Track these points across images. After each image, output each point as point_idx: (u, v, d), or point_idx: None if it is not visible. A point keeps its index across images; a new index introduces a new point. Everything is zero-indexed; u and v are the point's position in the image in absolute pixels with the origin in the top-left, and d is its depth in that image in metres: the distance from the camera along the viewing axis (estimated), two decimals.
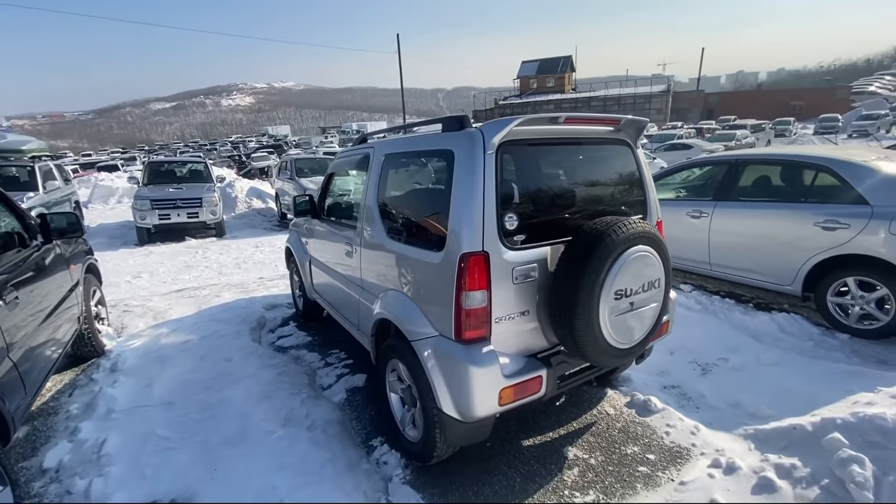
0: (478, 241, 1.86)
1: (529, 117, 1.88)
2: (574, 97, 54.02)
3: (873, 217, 3.52)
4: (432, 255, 2.04)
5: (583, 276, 1.84)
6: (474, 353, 1.89)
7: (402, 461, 2.41)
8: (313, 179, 10.73)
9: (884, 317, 3.55)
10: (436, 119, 2.27)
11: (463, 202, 1.89)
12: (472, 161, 1.88)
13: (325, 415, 2.78)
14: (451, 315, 1.92)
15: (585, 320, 1.87)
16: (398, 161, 2.53)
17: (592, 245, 1.87)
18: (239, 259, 7.30)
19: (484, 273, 1.86)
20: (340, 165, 3.46)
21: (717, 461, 2.29)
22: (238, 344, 3.79)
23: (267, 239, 9.17)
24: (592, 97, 52.62)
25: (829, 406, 2.57)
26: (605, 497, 2.14)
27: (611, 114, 2.28)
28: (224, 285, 5.64)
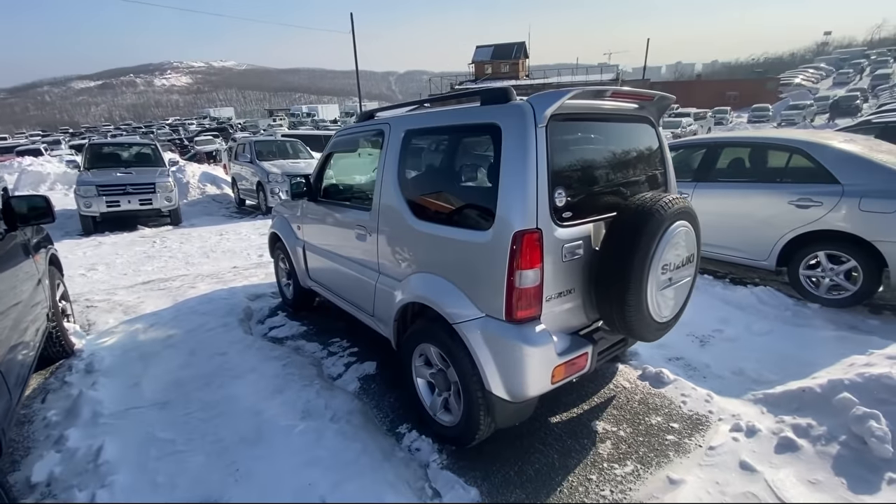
0: (531, 219, 1.80)
1: (582, 90, 1.83)
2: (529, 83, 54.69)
3: (844, 195, 3.81)
4: (477, 235, 1.96)
5: (636, 252, 1.85)
6: (527, 332, 1.85)
7: (435, 446, 2.35)
8: (276, 163, 10.21)
9: (851, 287, 3.88)
10: (467, 91, 2.16)
11: (514, 178, 1.82)
12: (524, 135, 1.81)
13: (345, 405, 2.66)
14: (501, 295, 1.86)
15: (636, 295, 1.88)
16: (423, 138, 2.40)
17: (644, 220, 1.87)
18: (205, 248, 6.82)
19: (538, 251, 1.81)
20: (342, 144, 3.26)
21: (738, 425, 2.41)
22: (230, 337, 3.54)
23: (230, 227, 8.64)
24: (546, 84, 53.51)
25: (827, 369, 2.78)
26: (643, 466, 2.20)
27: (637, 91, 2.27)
28: (196, 276, 5.25)
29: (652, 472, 2.16)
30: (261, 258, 6.15)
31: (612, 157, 2.23)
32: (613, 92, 2.00)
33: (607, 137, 2.24)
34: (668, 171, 2.54)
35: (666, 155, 2.52)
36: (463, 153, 2.23)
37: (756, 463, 2.15)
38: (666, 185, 2.54)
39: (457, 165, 2.28)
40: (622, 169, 2.27)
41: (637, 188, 2.32)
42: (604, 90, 1.96)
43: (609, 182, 2.18)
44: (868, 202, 3.68)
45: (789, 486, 2.01)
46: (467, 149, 2.19)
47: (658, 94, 2.27)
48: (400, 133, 2.49)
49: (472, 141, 2.11)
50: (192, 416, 2.62)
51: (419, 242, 2.31)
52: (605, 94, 1.98)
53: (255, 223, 8.97)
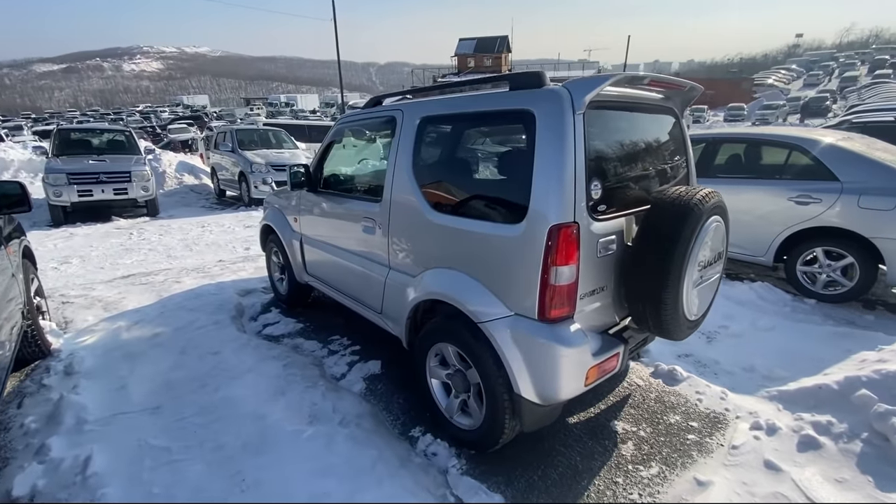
0: (569, 212, 1.70)
1: (623, 75, 1.73)
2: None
3: (843, 192, 3.85)
4: (507, 229, 1.84)
5: (675, 247, 1.77)
6: (562, 332, 1.76)
7: (453, 450, 2.25)
8: (259, 153, 9.86)
9: (848, 283, 3.94)
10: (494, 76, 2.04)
11: (550, 169, 1.71)
12: (561, 122, 1.70)
13: (353, 408, 2.52)
14: (534, 293, 1.76)
15: (674, 293, 1.81)
16: (441, 125, 2.26)
17: (683, 215, 1.79)
18: (186, 241, 6.50)
19: (575, 246, 1.71)
20: (345, 132, 3.08)
21: (758, 423, 2.39)
22: (223, 335, 3.34)
23: (211, 218, 8.29)
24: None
25: (837, 365, 2.79)
26: (668, 468, 2.15)
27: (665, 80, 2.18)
28: (180, 270, 4.98)
29: (678, 474, 2.11)
30: (248, 251, 5.90)
31: (641, 149, 2.14)
32: (650, 80, 1.90)
33: (636, 128, 2.15)
34: (689, 165, 2.48)
35: (688, 147, 2.46)
36: (489, 142, 2.10)
37: (780, 462, 2.12)
38: (688, 179, 2.47)
39: (482, 155, 2.15)
40: (651, 161, 2.18)
41: (664, 181, 2.24)
42: (642, 77, 1.86)
43: (639, 174, 2.09)
44: (867, 199, 3.72)
45: (816, 485, 1.99)
46: (494, 137, 2.06)
47: (689, 83, 2.19)
48: (415, 120, 2.35)
49: (500, 129, 1.99)
50: (188, 421, 2.44)
51: (437, 236, 2.18)
52: (642, 81, 1.89)
53: (238, 215, 8.64)
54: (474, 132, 2.23)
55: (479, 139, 2.20)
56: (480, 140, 2.18)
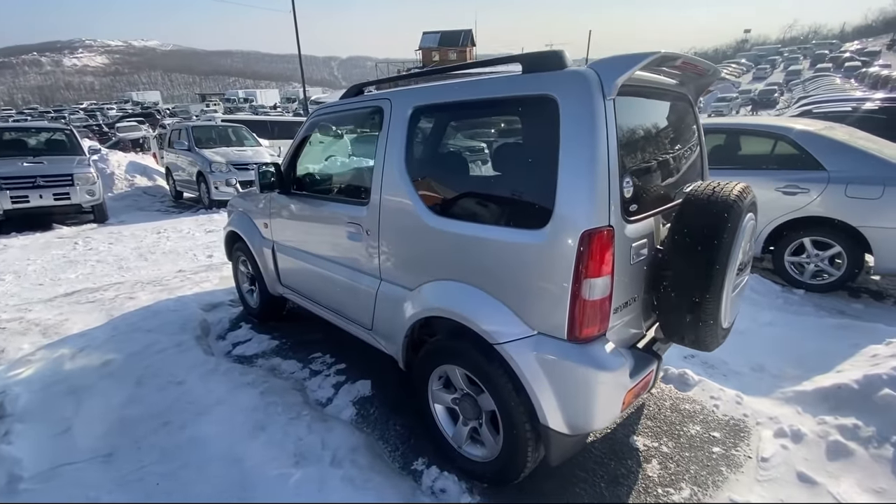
0: (603, 214, 1.46)
1: (659, 55, 1.49)
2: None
3: (830, 182, 3.83)
4: (526, 235, 1.59)
5: (719, 249, 1.56)
6: (598, 354, 1.52)
7: (463, 484, 1.99)
8: (219, 151, 9.24)
9: (835, 272, 3.94)
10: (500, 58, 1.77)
11: (579, 164, 1.46)
12: (591, 110, 1.45)
13: (345, 440, 2.21)
14: (563, 310, 1.51)
15: (716, 301, 1.61)
16: (438, 115, 1.98)
17: (724, 213, 1.58)
18: (141, 249, 5.92)
19: (610, 254, 1.48)
20: (321, 126, 2.74)
21: (782, 430, 2.25)
22: (187, 360, 2.94)
23: (168, 223, 7.65)
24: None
25: (848, 361, 2.71)
26: (700, 488, 1.97)
27: None
28: (134, 283, 4.46)
29: (711, 495, 1.93)
30: (210, 259, 5.41)
31: (663, 140, 1.93)
32: (682, 60, 1.69)
33: (656, 117, 1.94)
34: (704, 157, 2.30)
35: (702, 138, 2.28)
36: (498, 133, 1.84)
37: (814, 474, 1.98)
38: (703, 172, 2.29)
39: (490, 149, 1.88)
40: (673, 153, 1.98)
41: (686, 175, 2.05)
42: (675, 57, 1.64)
43: (664, 168, 1.89)
44: (854, 188, 3.71)
45: (855, 497, 1.86)
46: (505, 128, 1.79)
47: (712, 66, 1.99)
48: (405, 110, 2.05)
49: (512, 118, 1.72)
50: (148, 470, 2.06)
51: (438, 244, 1.90)
52: (674, 61, 1.67)
53: (198, 218, 8.03)
54: (481, 122, 1.96)
55: (488, 130, 1.93)
56: (490, 131, 1.91)
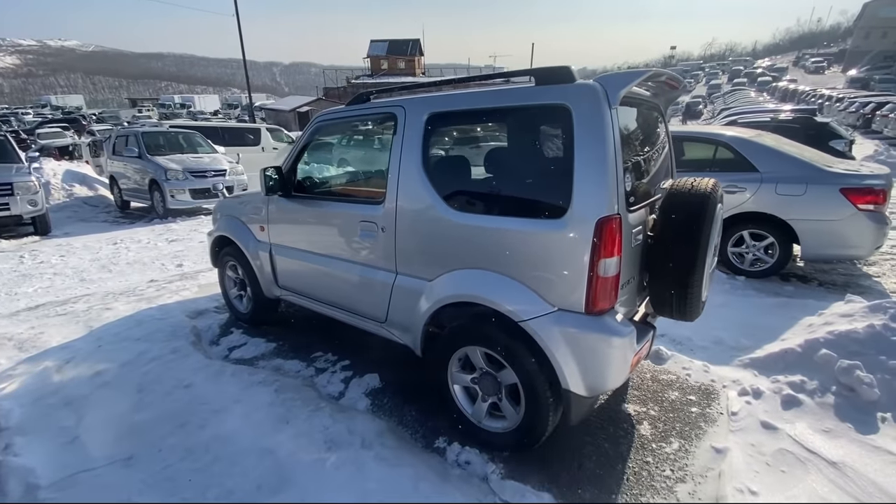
0: (613, 204, 1.73)
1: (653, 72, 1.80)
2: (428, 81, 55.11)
3: (763, 182, 4.43)
4: (546, 225, 1.83)
5: (701, 234, 1.88)
6: (611, 324, 1.79)
7: (485, 456, 2.18)
8: (174, 158, 8.86)
9: (769, 260, 4.55)
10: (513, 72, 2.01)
11: (592, 163, 1.73)
12: (600, 118, 1.73)
13: (369, 426, 2.34)
14: (581, 287, 1.77)
15: (700, 277, 1.93)
16: (454, 122, 2.18)
17: (704, 203, 1.91)
18: (100, 260, 5.60)
19: (619, 237, 1.75)
20: (326, 132, 2.85)
21: (744, 390, 2.64)
22: (188, 364, 2.92)
23: (122, 233, 7.25)
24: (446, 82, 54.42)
25: (790, 331, 3.19)
26: (686, 441, 2.29)
27: None
28: (105, 294, 4.26)
29: (696, 445, 2.26)
30: (181, 268, 5.24)
31: (646, 143, 2.26)
32: (667, 77, 2.01)
33: (638, 124, 2.26)
34: (672, 158, 2.67)
35: (670, 142, 2.65)
36: (515, 137, 2.07)
37: (774, 421, 2.37)
38: (672, 171, 2.66)
39: (508, 151, 2.10)
40: (653, 154, 2.31)
41: (661, 173, 2.39)
42: (662, 73, 1.96)
43: (649, 167, 2.21)
44: (783, 187, 4.32)
45: (809, 437, 2.25)
46: (521, 132, 2.03)
47: (683, 81, 2.35)
48: (420, 117, 2.24)
49: (528, 124, 1.96)
50: (176, 468, 2.08)
51: (461, 237, 2.10)
52: (660, 77, 1.99)
53: (154, 228, 7.66)
54: (497, 128, 2.19)
55: (504, 135, 2.16)
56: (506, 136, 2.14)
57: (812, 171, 4.29)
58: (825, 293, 4.17)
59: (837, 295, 4.09)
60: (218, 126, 13.66)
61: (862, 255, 4.37)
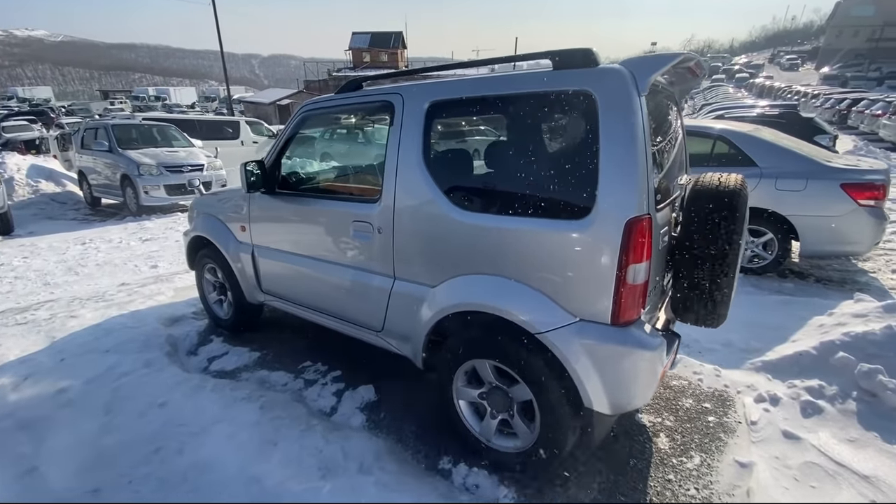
0: (644, 203, 1.55)
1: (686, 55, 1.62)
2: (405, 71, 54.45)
3: (763, 177, 4.34)
4: (567, 226, 1.64)
5: (733, 233, 1.72)
6: (641, 336, 1.61)
7: (495, 478, 2.00)
8: (147, 152, 8.42)
9: (768, 256, 4.48)
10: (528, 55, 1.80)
11: (621, 157, 1.55)
12: (629, 106, 1.54)
13: (366, 447, 2.13)
14: (608, 295, 1.59)
15: (731, 280, 1.77)
16: (459, 111, 1.97)
17: (735, 200, 1.75)
18: (67, 262, 5.21)
19: (650, 240, 1.57)
20: (313, 122, 2.60)
21: (761, 396, 2.52)
22: (163, 379, 2.65)
23: (92, 232, 6.83)
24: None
25: (800, 331, 3.09)
26: (707, 455, 2.15)
27: None
28: (70, 301, 3.92)
29: (719, 459, 2.12)
30: (156, 270, 4.90)
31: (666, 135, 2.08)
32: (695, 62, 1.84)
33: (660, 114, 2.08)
34: (686, 151, 2.51)
35: (684, 135, 2.49)
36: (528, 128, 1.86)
37: (795, 430, 2.24)
38: (686, 165, 2.51)
39: (521, 142, 1.90)
40: (672, 147, 2.14)
41: (680, 168, 2.23)
42: (693, 58, 1.78)
43: (669, 161, 2.04)
44: (783, 182, 4.24)
45: (834, 447, 2.13)
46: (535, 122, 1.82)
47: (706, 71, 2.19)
48: (420, 106, 2.02)
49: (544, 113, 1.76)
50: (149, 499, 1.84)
51: (468, 239, 1.89)
52: (690, 62, 1.81)
53: (127, 226, 7.25)
54: (508, 117, 1.98)
55: (517, 125, 1.95)
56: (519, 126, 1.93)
57: (812, 166, 4.21)
58: (825, 290, 4.11)
59: (838, 292, 4.04)
60: (195, 119, 13.12)
61: (861, 251, 4.32)
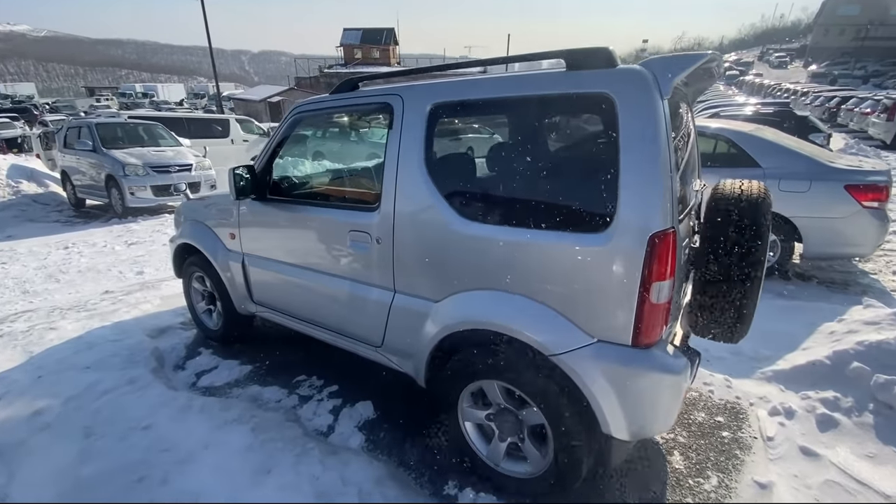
0: (667, 216, 1.44)
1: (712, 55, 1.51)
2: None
3: (766, 177, 4.26)
4: (585, 239, 1.52)
5: (760, 244, 1.61)
6: (664, 358, 1.50)
7: None
8: (132, 152, 8.18)
9: (771, 258, 4.41)
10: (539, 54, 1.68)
11: (644, 165, 1.43)
12: (651, 110, 1.43)
13: (366, 472, 2.00)
14: (629, 315, 1.47)
15: (756, 294, 1.67)
16: (464, 114, 1.84)
17: (759, 209, 1.64)
18: (48, 268, 5.00)
19: (674, 256, 1.46)
20: (305, 125, 2.45)
21: (775, 409, 2.43)
22: (148, 398, 2.49)
23: (75, 235, 6.60)
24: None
25: (810, 339, 3.01)
26: (724, 474, 2.05)
27: None
28: (50, 311, 3.73)
29: (737, 479, 2.02)
30: (142, 276, 4.72)
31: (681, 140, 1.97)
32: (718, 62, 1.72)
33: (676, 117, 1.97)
34: (699, 157, 2.41)
35: (696, 138, 2.38)
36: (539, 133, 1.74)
37: (813, 446, 2.16)
38: (698, 171, 2.40)
39: (532, 149, 1.77)
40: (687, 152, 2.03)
41: (693, 173, 2.12)
42: (715, 58, 1.67)
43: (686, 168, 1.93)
44: (786, 183, 4.16)
45: (854, 464, 2.05)
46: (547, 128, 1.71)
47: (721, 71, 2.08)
48: (422, 108, 1.89)
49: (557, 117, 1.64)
50: None
51: (473, 251, 1.77)
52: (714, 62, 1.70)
53: (112, 229, 7.02)
54: (518, 121, 1.85)
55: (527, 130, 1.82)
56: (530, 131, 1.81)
57: (816, 167, 4.14)
58: (830, 293, 4.06)
59: (842, 295, 3.99)
60: (183, 117, 12.82)
61: (865, 253, 4.27)
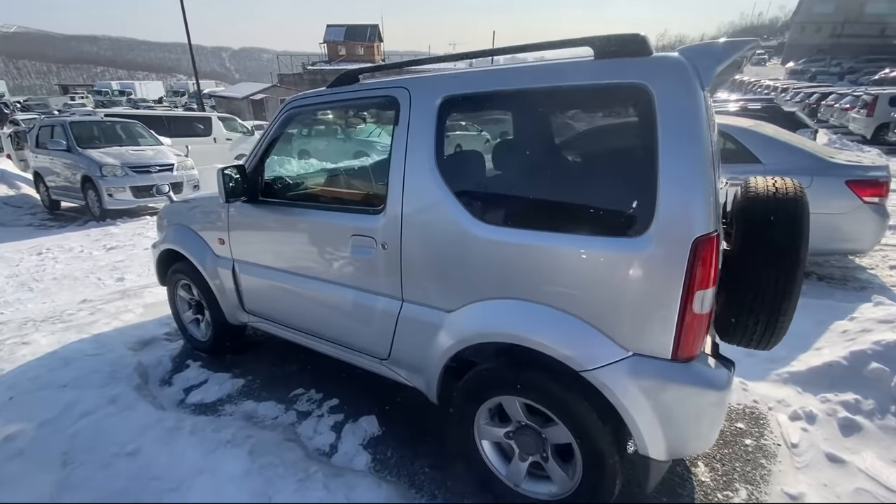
0: (710, 219, 1.32)
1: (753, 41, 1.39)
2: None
3: (767, 173, 4.20)
4: (622, 244, 1.39)
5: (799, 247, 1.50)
6: (706, 371, 1.39)
7: None
8: (109, 151, 7.84)
9: None
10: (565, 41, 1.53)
11: (685, 163, 1.31)
12: (692, 103, 1.30)
13: (373, 496, 1.85)
14: (670, 327, 1.35)
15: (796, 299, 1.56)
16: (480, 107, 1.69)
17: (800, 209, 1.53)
18: (19, 276, 4.70)
19: (716, 262, 1.34)
20: (300, 121, 2.27)
21: (795, 413, 2.35)
22: (132, 420, 2.29)
23: (50, 240, 6.27)
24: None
25: (822, 338, 2.95)
26: (752, 486, 1.96)
27: None
28: (22, 323, 3.48)
29: (766, 491, 1.93)
30: (122, 283, 4.47)
31: None
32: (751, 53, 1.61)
33: None
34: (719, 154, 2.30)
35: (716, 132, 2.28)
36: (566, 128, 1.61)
37: (838, 452, 2.08)
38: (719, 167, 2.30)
39: (556, 146, 1.63)
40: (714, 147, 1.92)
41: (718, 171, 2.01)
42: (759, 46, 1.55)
43: None
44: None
45: (882, 471, 1.97)
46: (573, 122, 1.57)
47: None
48: (431, 101, 1.74)
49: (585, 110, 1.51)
50: None
51: (491, 257, 1.63)
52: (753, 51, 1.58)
53: (90, 232, 6.69)
54: (541, 115, 1.71)
55: (552, 124, 1.68)
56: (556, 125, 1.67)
57: (817, 163, 4.11)
58: (832, 290, 4.03)
59: (844, 290, 3.98)
60: (163, 115, 12.38)
61: (864, 249, 4.26)
